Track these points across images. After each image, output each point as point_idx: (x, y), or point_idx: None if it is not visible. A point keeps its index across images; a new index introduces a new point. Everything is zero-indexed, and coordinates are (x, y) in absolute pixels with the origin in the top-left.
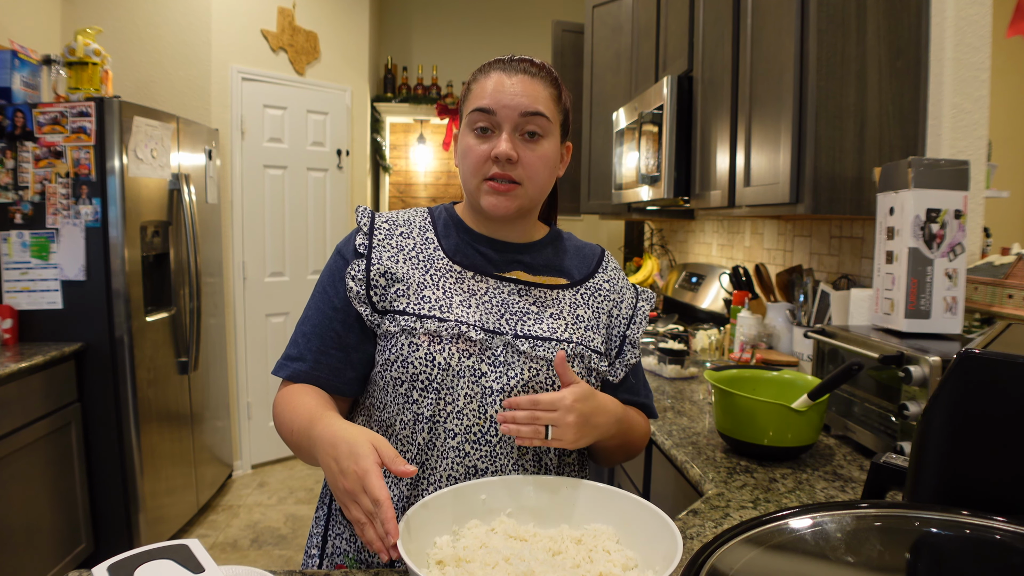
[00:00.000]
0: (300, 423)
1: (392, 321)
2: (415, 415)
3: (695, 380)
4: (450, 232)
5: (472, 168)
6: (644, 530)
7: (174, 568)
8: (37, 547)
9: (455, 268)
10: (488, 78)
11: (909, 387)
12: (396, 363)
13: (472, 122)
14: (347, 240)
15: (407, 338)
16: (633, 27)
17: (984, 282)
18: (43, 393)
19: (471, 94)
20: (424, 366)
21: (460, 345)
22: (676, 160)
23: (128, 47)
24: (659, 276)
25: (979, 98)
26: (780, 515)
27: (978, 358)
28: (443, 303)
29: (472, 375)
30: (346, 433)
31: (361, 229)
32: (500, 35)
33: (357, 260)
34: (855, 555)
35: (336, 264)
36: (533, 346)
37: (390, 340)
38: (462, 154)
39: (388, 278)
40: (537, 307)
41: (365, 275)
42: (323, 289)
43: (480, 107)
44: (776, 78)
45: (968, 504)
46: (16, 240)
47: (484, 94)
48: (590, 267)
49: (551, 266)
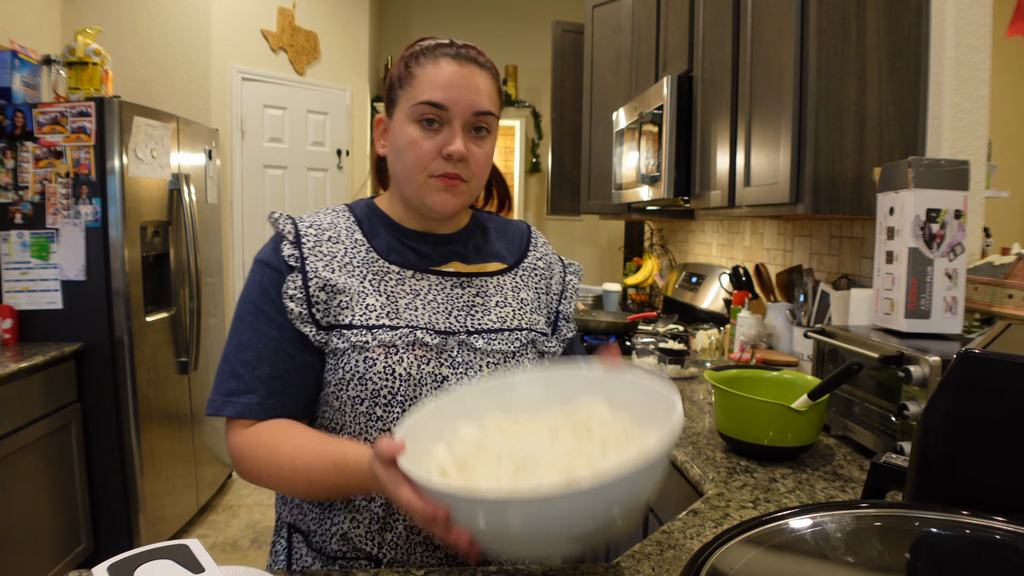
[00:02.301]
0: (317, 470)
1: (340, 337)
2: (381, 432)
3: (695, 380)
4: (378, 231)
5: (417, 163)
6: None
7: (174, 568)
8: (37, 547)
9: (393, 269)
10: (438, 67)
11: (909, 387)
12: (353, 381)
13: (419, 113)
14: (271, 251)
15: (360, 353)
16: (633, 27)
17: (984, 282)
18: (43, 393)
19: (416, 80)
20: (384, 380)
21: (417, 352)
22: (676, 160)
23: (128, 47)
24: (659, 276)
25: (979, 98)
26: (780, 515)
27: (978, 358)
28: (389, 309)
29: (434, 381)
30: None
31: (285, 238)
32: (500, 35)
33: (291, 275)
34: (855, 555)
35: (268, 278)
36: (488, 341)
37: (342, 357)
38: (403, 146)
39: (328, 291)
40: (482, 298)
41: (304, 291)
42: (257, 308)
43: (432, 101)
44: (776, 78)
45: (968, 504)
46: (16, 240)
47: (435, 85)
48: (521, 246)
49: (484, 252)
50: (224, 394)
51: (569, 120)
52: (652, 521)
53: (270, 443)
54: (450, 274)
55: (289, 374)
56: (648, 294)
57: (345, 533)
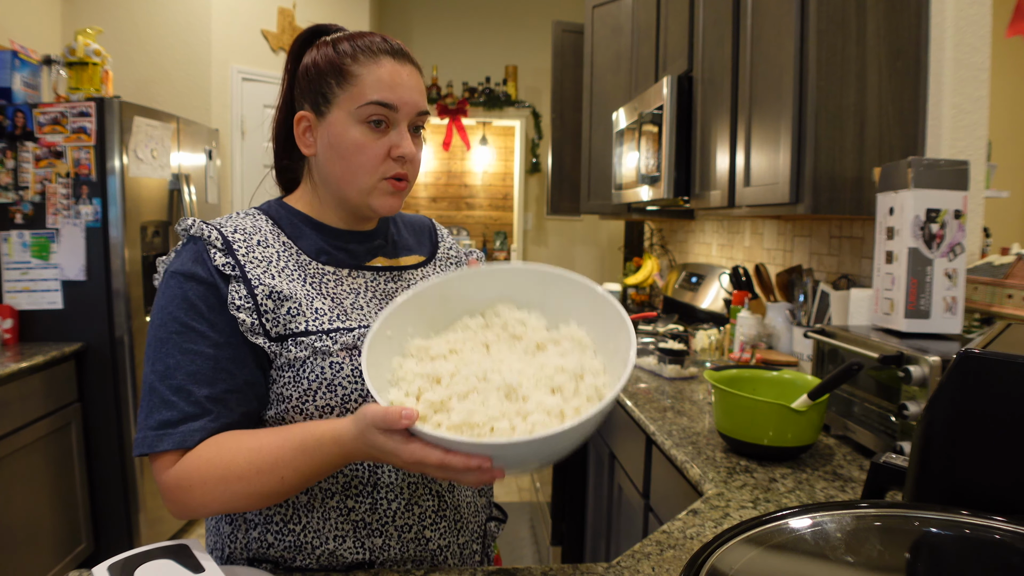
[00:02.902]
0: (285, 461)
1: (297, 345)
2: None
3: (695, 380)
4: (302, 232)
5: (368, 165)
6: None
7: (174, 568)
8: (37, 547)
9: (328, 270)
10: (380, 66)
11: (909, 387)
12: (321, 389)
13: (367, 114)
14: (192, 260)
15: (325, 359)
16: (633, 27)
17: (984, 282)
18: (43, 393)
19: (359, 80)
20: (353, 384)
21: None
22: (676, 160)
23: (128, 47)
24: (659, 276)
25: (979, 98)
26: (780, 515)
27: (978, 358)
28: (337, 311)
29: None
30: (353, 435)
31: (212, 245)
32: (500, 35)
33: (234, 284)
34: (855, 555)
35: (194, 292)
36: None
37: (303, 366)
38: (348, 148)
39: (275, 298)
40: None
41: (252, 300)
42: (184, 327)
43: (381, 100)
44: (776, 78)
45: (968, 504)
46: (16, 240)
47: (381, 86)
48: (431, 239)
49: (400, 245)
50: (156, 428)
51: (569, 120)
52: (652, 521)
53: (219, 459)
54: (381, 269)
55: (230, 394)
56: (648, 294)
57: (333, 551)
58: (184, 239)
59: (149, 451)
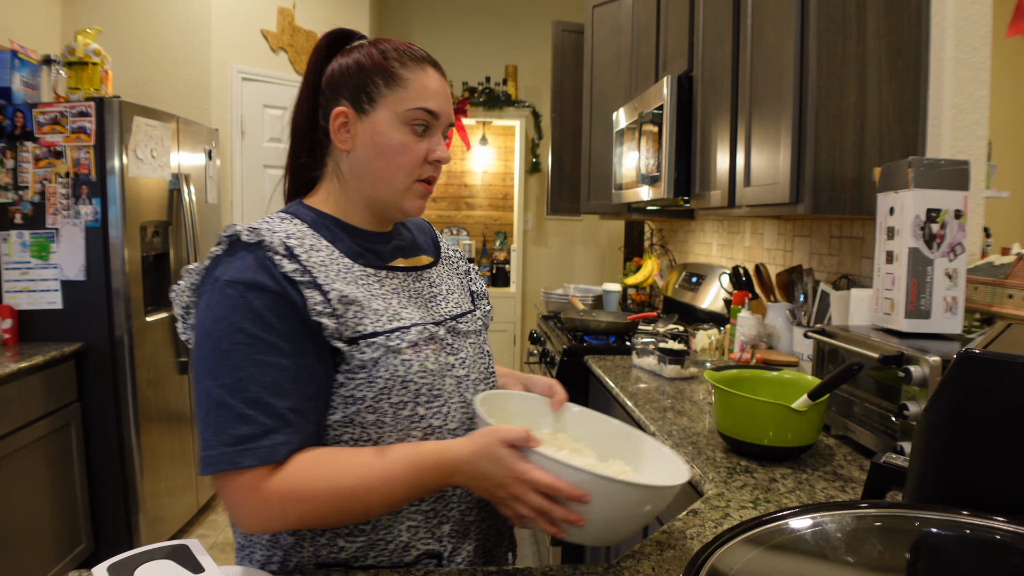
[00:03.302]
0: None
1: (370, 347)
2: (425, 430)
3: (695, 380)
4: (336, 235)
5: (408, 167)
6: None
7: (174, 568)
8: (37, 547)
9: (368, 271)
10: (427, 75)
11: (909, 387)
12: (395, 388)
13: (412, 118)
14: (255, 269)
15: (397, 357)
16: (633, 27)
17: (984, 282)
18: (43, 393)
19: (408, 84)
20: (423, 379)
21: (432, 346)
22: (676, 160)
23: (128, 47)
24: (659, 276)
25: (979, 98)
26: (780, 515)
27: (978, 358)
28: (391, 311)
29: (447, 369)
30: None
31: (276, 251)
32: (500, 35)
33: (308, 291)
34: (855, 555)
35: (260, 302)
36: (462, 324)
37: (375, 368)
38: (392, 149)
39: (344, 302)
40: (434, 288)
41: (328, 305)
42: (253, 338)
43: (428, 108)
44: (776, 78)
45: (968, 504)
46: (16, 240)
47: (428, 93)
48: (433, 239)
49: (412, 246)
50: (233, 444)
51: (569, 120)
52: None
53: (328, 473)
54: (407, 270)
55: (308, 403)
56: (648, 294)
57: (407, 543)
58: (225, 245)
59: (230, 468)
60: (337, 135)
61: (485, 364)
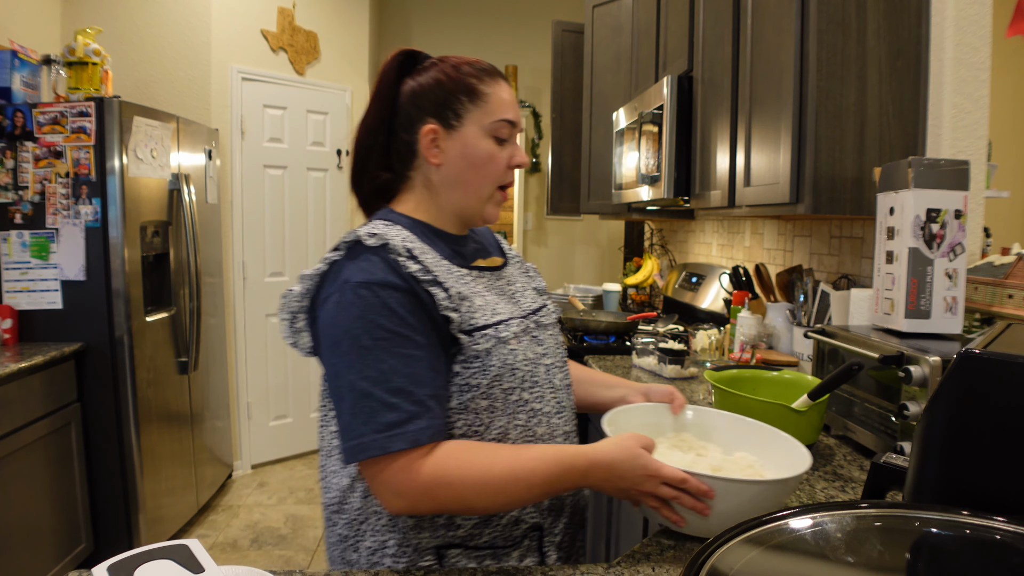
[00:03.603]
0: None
1: (483, 337)
2: (528, 414)
3: (695, 380)
4: (431, 239)
5: (494, 175)
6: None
7: (174, 568)
8: (37, 547)
9: (462, 271)
10: (501, 88)
11: (909, 387)
12: (506, 374)
13: (496, 130)
14: (385, 270)
15: (504, 347)
16: (633, 27)
17: (984, 282)
18: (43, 393)
19: (489, 100)
20: (526, 366)
21: (526, 337)
22: (676, 160)
23: (128, 47)
24: (659, 276)
25: (979, 98)
26: (780, 515)
27: (978, 358)
28: (490, 306)
29: (538, 358)
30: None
31: (400, 254)
32: (500, 35)
33: (434, 289)
34: (855, 555)
35: (394, 299)
36: (542, 317)
37: (489, 356)
38: (481, 159)
39: (459, 297)
40: (511, 285)
41: (451, 301)
42: (391, 333)
43: (509, 119)
44: (776, 78)
45: (968, 504)
46: (16, 240)
47: (506, 105)
48: (495, 240)
49: (483, 248)
50: (382, 430)
51: (569, 120)
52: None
53: (478, 461)
54: (489, 269)
55: (440, 390)
56: (648, 294)
57: (517, 517)
58: (344, 250)
59: (381, 452)
60: (428, 151)
61: (562, 353)
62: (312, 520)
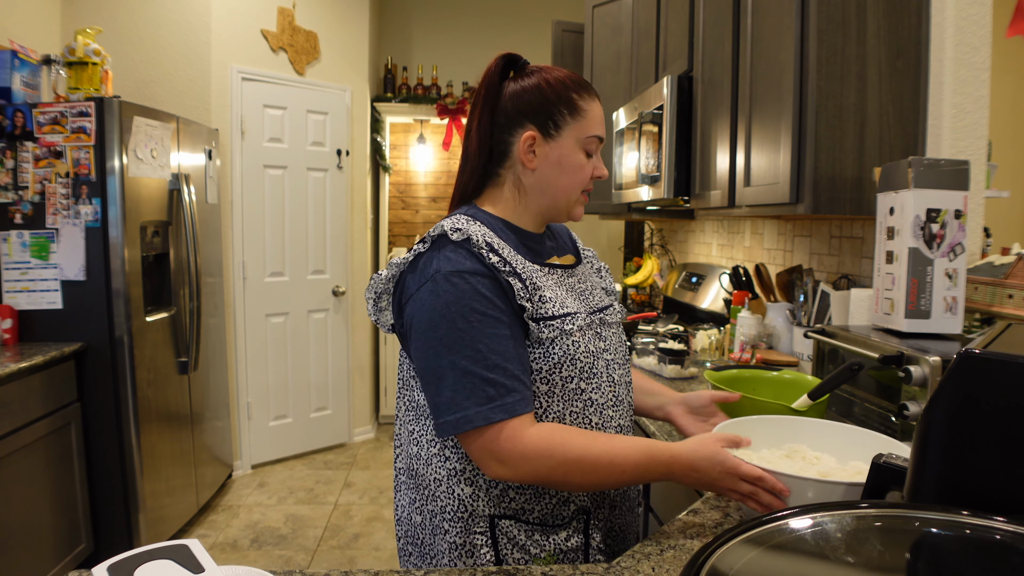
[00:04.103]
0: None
1: (549, 327)
2: (584, 402)
3: (695, 380)
4: (507, 235)
5: (581, 183)
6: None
7: (174, 568)
8: (37, 547)
9: (535, 266)
10: (596, 106)
11: (909, 387)
12: (566, 363)
13: (588, 144)
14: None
15: (569, 338)
16: (633, 27)
17: (984, 282)
18: (43, 393)
19: (587, 115)
20: (587, 358)
21: (590, 332)
22: (676, 160)
23: (128, 47)
24: (659, 276)
25: (979, 98)
26: (780, 515)
27: (978, 358)
28: (559, 300)
29: (599, 352)
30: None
31: (482, 247)
32: (500, 35)
33: (512, 279)
34: (855, 555)
35: (483, 285)
36: (608, 316)
37: (553, 345)
38: (573, 168)
39: (532, 288)
40: (582, 283)
41: (526, 291)
42: (482, 315)
43: (599, 135)
44: (776, 78)
45: (968, 504)
46: (16, 240)
47: (598, 123)
48: (571, 240)
49: (558, 247)
50: (482, 403)
51: None
52: (652, 521)
53: (578, 441)
54: (562, 267)
55: (527, 365)
56: (648, 294)
57: (567, 497)
58: (429, 242)
59: (484, 423)
60: (525, 155)
61: (624, 352)
62: (312, 520)
